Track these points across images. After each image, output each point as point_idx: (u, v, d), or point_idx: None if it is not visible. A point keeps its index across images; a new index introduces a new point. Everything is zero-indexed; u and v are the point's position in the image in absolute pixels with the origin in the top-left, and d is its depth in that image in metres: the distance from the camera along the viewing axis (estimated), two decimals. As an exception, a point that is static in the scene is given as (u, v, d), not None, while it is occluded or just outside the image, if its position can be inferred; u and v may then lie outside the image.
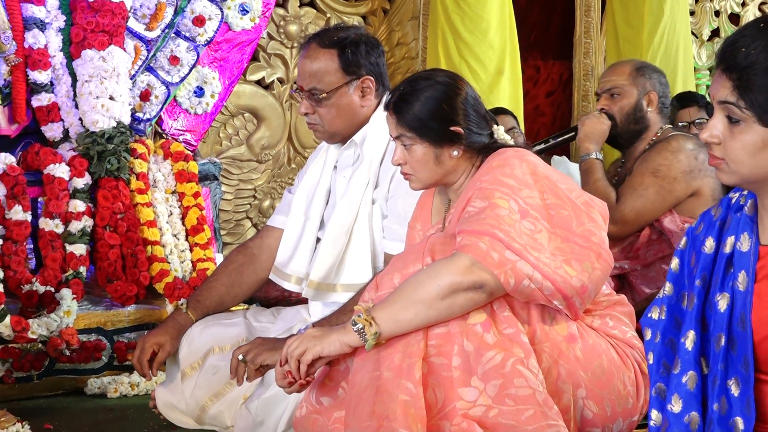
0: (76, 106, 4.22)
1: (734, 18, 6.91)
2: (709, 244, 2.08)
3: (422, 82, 2.94)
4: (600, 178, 4.04)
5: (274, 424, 3.14)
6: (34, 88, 4.18)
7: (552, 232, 2.72)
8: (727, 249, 2.05)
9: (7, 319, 3.71)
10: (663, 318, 2.11)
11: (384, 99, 3.40)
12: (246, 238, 4.92)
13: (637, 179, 4.03)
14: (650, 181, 4.00)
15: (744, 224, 2.04)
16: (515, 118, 5.20)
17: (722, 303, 2.02)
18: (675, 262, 2.15)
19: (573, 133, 4.25)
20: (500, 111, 5.04)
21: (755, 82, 1.90)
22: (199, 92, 4.64)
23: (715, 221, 2.11)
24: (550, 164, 3.62)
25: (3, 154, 4.01)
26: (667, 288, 2.14)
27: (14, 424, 2.64)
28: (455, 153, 2.87)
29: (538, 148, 4.29)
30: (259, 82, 5.60)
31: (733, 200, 2.10)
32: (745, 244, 2.02)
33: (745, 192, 2.04)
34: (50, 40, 4.19)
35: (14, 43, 4.10)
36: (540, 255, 2.64)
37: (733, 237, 2.05)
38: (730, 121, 1.94)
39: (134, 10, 4.36)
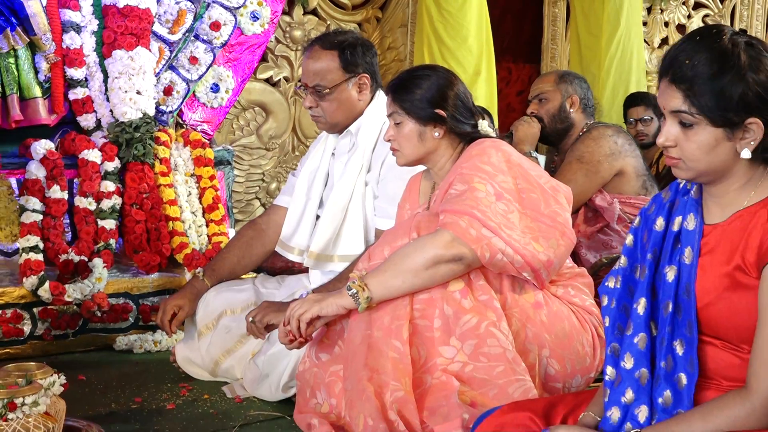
0: (108, 99, 4.21)
1: (681, 28, 6.92)
2: (660, 223, 2.09)
3: (421, 71, 2.97)
4: None
5: (278, 376, 3.14)
6: (71, 83, 4.16)
7: (523, 212, 2.73)
8: (676, 227, 2.06)
9: (47, 284, 3.73)
10: (618, 287, 2.12)
11: (377, 94, 3.42)
12: (255, 216, 4.93)
13: (567, 167, 4.06)
14: (577, 167, 4.02)
15: (690, 206, 2.06)
16: (489, 114, 5.21)
17: (670, 274, 2.03)
18: (629, 239, 2.16)
19: (509, 138, 4.23)
20: (481, 111, 5.05)
21: (703, 90, 1.91)
22: (215, 88, 4.63)
23: (665, 203, 2.12)
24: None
25: (43, 140, 4.00)
26: (622, 261, 2.15)
27: (51, 375, 2.62)
28: (437, 134, 2.87)
29: None
30: (268, 80, 5.58)
31: (681, 185, 2.12)
32: (691, 223, 2.04)
33: None
34: (85, 42, 4.18)
35: (53, 43, 4.08)
36: (512, 232, 2.65)
37: (680, 217, 2.06)
38: (683, 126, 1.95)
39: (159, 15, 4.35)
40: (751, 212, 1.95)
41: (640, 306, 2.06)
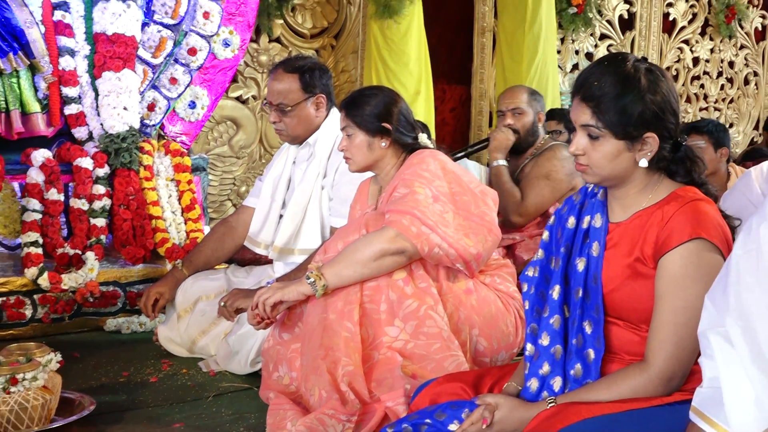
0: (98, 114, 4.16)
1: (589, 55, 6.98)
2: (571, 221, 2.11)
3: (369, 91, 2.97)
4: (507, 181, 4.02)
5: (246, 353, 3.13)
6: (66, 100, 4.10)
7: (456, 212, 2.74)
8: (585, 225, 2.08)
9: (45, 274, 3.69)
10: (536, 276, 2.13)
11: (332, 111, 3.41)
12: (227, 215, 4.89)
13: (535, 182, 4.03)
14: (545, 183, 4.01)
15: (597, 207, 2.08)
16: (427, 128, 5.21)
17: (580, 265, 2.04)
18: (546, 234, 2.18)
19: (485, 144, 4.20)
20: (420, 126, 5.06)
21: (608, 107, 1.93)
22: (192, 105, 4.59)
23: (576, 204, 2.14)
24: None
25: (42, 150, 3.94)
26: (540, 253, 2.16)
27: (48, 354, 2.59)
28: (383, 144, 2.87)
29: (459, 154, 4.28)
30: (238, 98, 5.55)
31: (589, 189, 2.14)
32: (598, 221, 2.05)
33: None
34: (78, 64, 4.12)
35: (51, 66, 4.03)
36: (447, 230, 2.65)
37: (589, 216, 2.08)
38: (591, 138, 1.97)
39: (143, 42, 4.30)
40: (649, 212, 1.98)
41: (555, 292, 2.07)
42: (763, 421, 1.49)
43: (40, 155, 3.91)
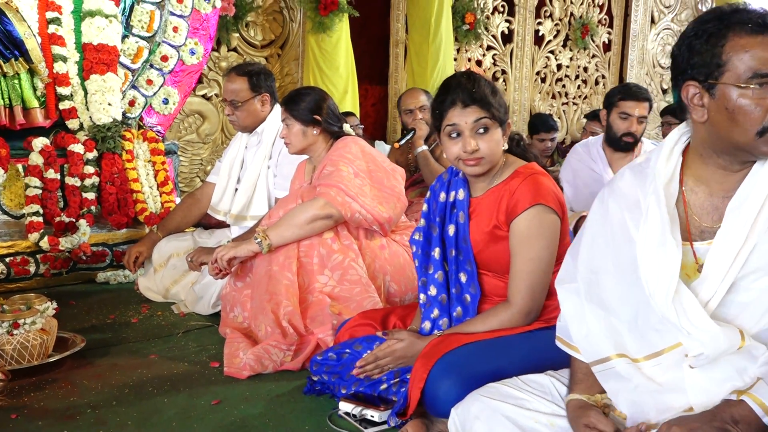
0: (87, 109, 4.00)
1: (479, 62, 6.99)
2: (442, 196, 2.09)
3: (304, 91, 2.90)
4: (434, 161, 3.88)
5: (209, 298, 3.08)
6: (60, 98, 3.93)
7: (372, 185, 2.72)
8: (452, 198, 2.06)
9: (45, 238, 3.57)
10: (421, 240, 2.11)
11: (275, 106, 3.34)
12: (195, 189, 4.78)
13: (444, 161, 3.92)
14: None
15: (460, 183, 2.06)
16: (356, 115, 5.19)
17: (451, 230, 2.04)
18: (425, 207, 2.14)
19: (412, 134, 4.08)
20: (350, 114, 5.04)
21: (489, 102, 1.91)
22: (165, 101, 4.45)
23: (445, 182, 2.11)
24: (374, 146, 3.58)
25: (41, 138, 3.78)
26: (422, 222, 2.13)
27: (45, 302, 2.49)
28: (315, 132, 2.82)
29: (401, 142, 4.09)
30: (204, 96, 5.40)
31: (455, 169, 2.10)
32: (461, 195, 2.04)
33: None
34: (69, 68, 3.95)
35: (47, 69, 3.86)
36: (365, 199, 2.64)
37: (454, 192, 2.06)
38: (483, 131, 1.91)
39: (123, 50, 4.16)
40: (499, 188, 1.97)
41: (436, 252, 2.06)
42: (593, 353, 1.51)
43: (40, 142, 3.75)
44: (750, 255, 1.33)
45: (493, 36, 7.11)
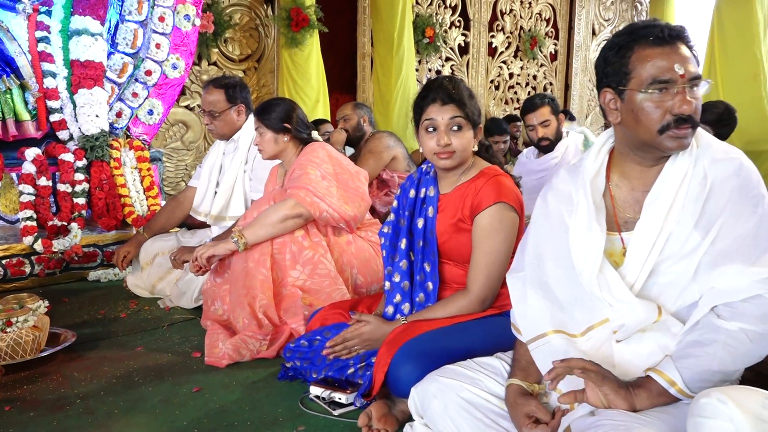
0: (77, 121, 3.92)
1: (438, 72, 6.98)
2: (412, 193, 2.08)
3: (275, 101, 2.85)
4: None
5: (191, 293, 3.03)
6: (51, 111, 3.85)
7: (339, 187, 2.69)
8: (422, 195, 2.05)
9: (39, 241, 3.49)
10: (390, 232, 2.10)
11: (250, 116, 3.30)
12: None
13: (364, 158, 3.96)
14: (369, 156, 3.94)
15: (430, 181, 2.05)
16: (329, 121, 5.15)
17: (420, 223, 2.02)
18: (395, 203, 2.14)
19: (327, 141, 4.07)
20: (325, 121, 4.99)
21: (465, 104, 1.89)
22: (150, 112, 4.37)
23: (415, 180, 2.10)
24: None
25: (33, 148, 3.71)
26: (391, 216, 2.12)
27: (38, 301, 2.43)
28: (286, 139, 2.78)
29: None
30: (187, 106, 5.33)
31: (424, 169, 2.10)
32: (431, 192, 2.03)
33: (431, 164, 2.03)
34: (59, 84, 3.87)
35: (37, 85, 3.78)
36: (332, 199, 2.61)
37: (425, 189, 2.06)
38: (456, 129, 1.89)
39: (110, 66, 4.08)
40: (465, 186, 1.97)
41: (403, 243, 2.05)
42: (532, 330, 1.51)
43: (32, 152, 3.67)
44: (666, 243, 1.37)
45: (451, 48, 7.11)
